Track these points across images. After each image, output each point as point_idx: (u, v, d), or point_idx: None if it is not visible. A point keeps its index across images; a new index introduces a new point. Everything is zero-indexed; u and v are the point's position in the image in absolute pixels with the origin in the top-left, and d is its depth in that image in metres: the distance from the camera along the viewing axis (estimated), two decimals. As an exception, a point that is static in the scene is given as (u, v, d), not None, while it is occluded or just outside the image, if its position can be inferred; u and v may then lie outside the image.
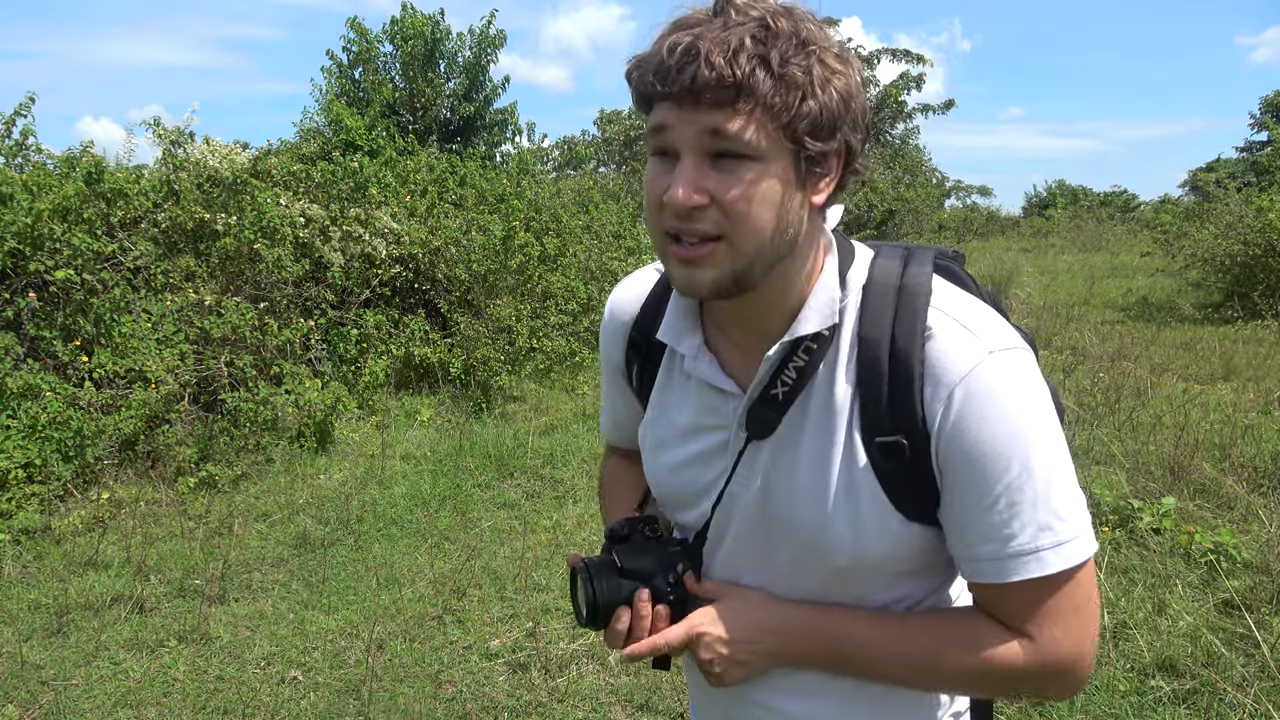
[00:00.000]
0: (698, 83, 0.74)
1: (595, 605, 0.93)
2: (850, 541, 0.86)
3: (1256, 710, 2.56)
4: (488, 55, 14.59)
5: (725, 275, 0.81)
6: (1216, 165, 28.83)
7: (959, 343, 0.82)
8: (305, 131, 12.39)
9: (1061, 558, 0.81)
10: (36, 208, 5.09)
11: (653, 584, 0.94)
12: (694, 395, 0.96)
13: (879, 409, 0.84)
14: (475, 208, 8.77)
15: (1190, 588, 3.35)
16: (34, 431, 4.49)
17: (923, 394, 0.82)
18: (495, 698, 2.92)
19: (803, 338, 0.86)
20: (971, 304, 0.87)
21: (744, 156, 0.77)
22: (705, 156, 0.78)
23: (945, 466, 0.82)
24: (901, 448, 0.83)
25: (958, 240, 23.97)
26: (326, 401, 5.47)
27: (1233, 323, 9.46)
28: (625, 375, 1.08)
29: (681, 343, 0.94)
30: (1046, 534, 0.81)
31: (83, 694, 2.95)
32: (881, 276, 0.88)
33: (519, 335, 6.84)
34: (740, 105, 0.75)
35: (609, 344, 1.08)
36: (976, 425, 0.80)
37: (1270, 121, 25.61)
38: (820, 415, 0.87)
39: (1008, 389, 0.81)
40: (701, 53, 0.74)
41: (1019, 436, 0.80)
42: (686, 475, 0.98)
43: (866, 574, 0.90)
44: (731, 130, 0.75)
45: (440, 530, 4.31)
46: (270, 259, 5.92)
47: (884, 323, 0.84)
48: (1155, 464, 4.50)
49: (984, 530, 0.82)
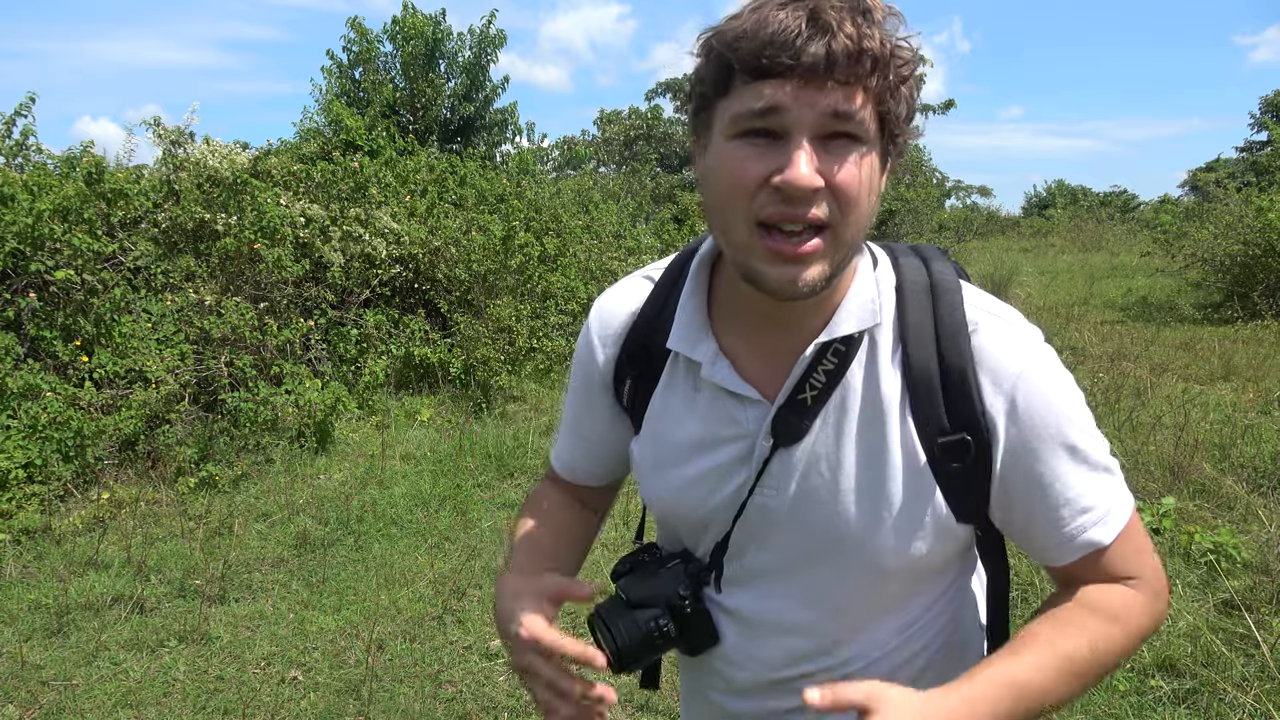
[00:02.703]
0: (833, 55, 0.70)
1: (619, 651, 0.91)
2: (903, 544, 0.86)
3: (1256, 710, 2.56)
4: (488, 55, 14.57)
5: (827, 271, 0.78)
6: (1216, 165, 28.84)
7: (1006, 337, 0.83)
8: (305, 131, 12.36)
9: (1124, 506, 0.86)
10: (37, 208, 5.09)
11: (668, 604, 0.92)
12: (706, 406, 0.91)
13: (935, 408, 0.83)
14: (475, 208, 8.78)
15: (1190, 588, 3.35)
16: (34, 431, 4.49)
17: (980, 390, 0.82)
18: (495, 698, 2.92)
19: (832, 340, 0.84)
20: (991, 298, 0.89)
21: (856, 138, 0.74)
22: (818, 139, 0.73)
23: (1014, 461, 0.83)
24: (967, 445, 0.82)
25: (958, 240, 23.96)
26: (326, 401, 5.47)
27: (1232, 323, 9.46)
28: (612, 391, 1.00)
29: (696, 350, 0.90)
30: (1108, 493, 0.86)
31: (83, 694, 2.95)
32: (911, 275, 0.87)
33: (519, 335, 6.84)
34: (869, 82, 0.72)
35: (593, 358, 1.01)
36: (1041, 415, 0.82)
37: (1270, 121, 25.61)
38: (866, 417, 0.85)
39: (1057, 376, 0.84)
40: (833, 24, 0.69)
41: (1075, 418, 0.83)
42: (700, 490, 0.92)
43: (908, 575, 0.90)
44: (853, 110, 0.72)
45: (440, 530, 4.31)
46: (270, 259, 5.92)
47: (925, 321, 0.84)
48: (1155, 464, 4.50)
49: (1061, 511, 0.84)
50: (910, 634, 0.95)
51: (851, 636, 0.93)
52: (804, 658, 0.94)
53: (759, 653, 0.94)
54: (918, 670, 0.95)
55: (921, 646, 0.96)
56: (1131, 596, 0.87)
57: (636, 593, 0.94)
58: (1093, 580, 0.88)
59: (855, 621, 0.92)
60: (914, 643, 0.95)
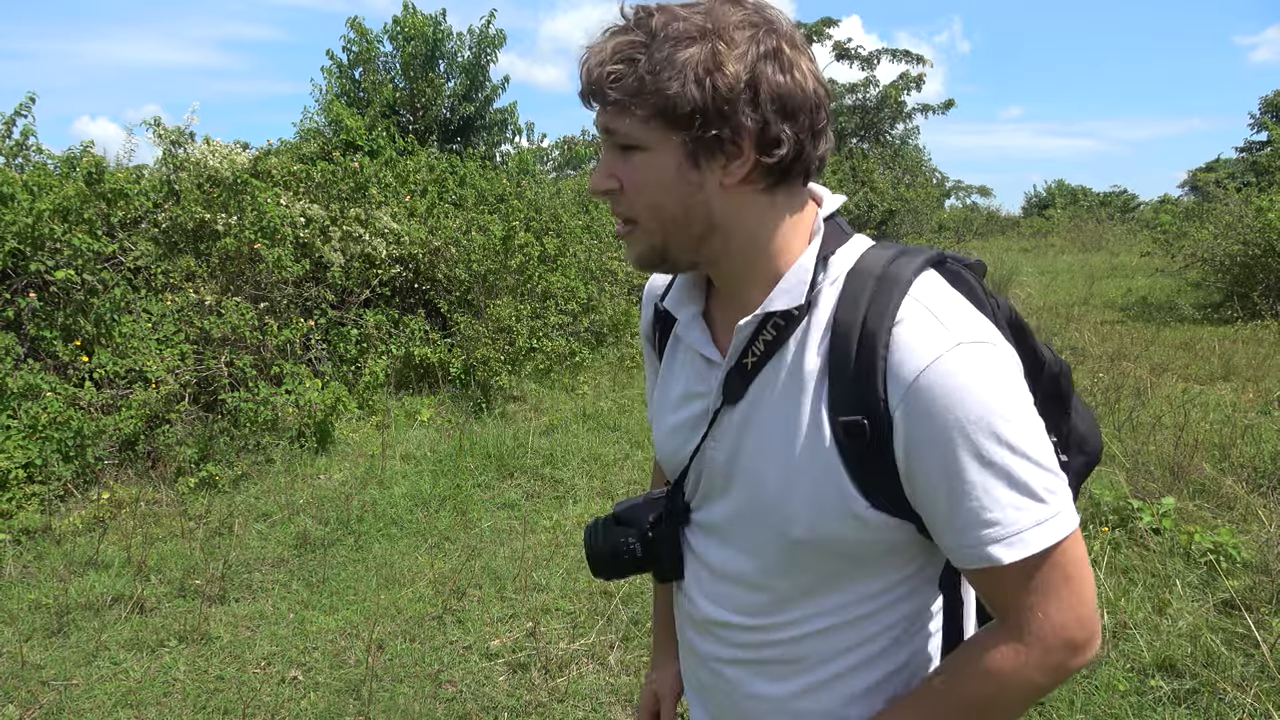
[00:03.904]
0: (584, 90, 0.88)
1: (591, 556, 1.08)
2: (808, 514, 0.89)
3: (1256, 710, 2.57)
4: (487, 55, 14.56)
5: (645, 252, 0.93)
6: (1216, 165, 28.83)
7: (926, 332, 0.84)
8: (305, 132, 12.36)
9: (1042, 537, 0.82)
10: (37, 208, 5.09)
11: (639, 528, 1.07)
12: (688, 364, 1.03)
13: (844, 388, 0.86)
14: (475, 208, 8.77)
15: (1190, 588, 3.35)
16: (34, 431, 4.50)
17: (885, 378, 0.84)
18: (495, 698, 2.92)
19: (772, 313, 0.91)
20: (954, 301, 0.88)
21: (635, 147, 0.87)
22: (614, 149, 0.89)
23: (909, 454, 0.84)
24: (863, 428, 0.85)
25: (958, 240, 23.97)
26: (326, 401, 5.48)
27: (1232, 323, 9.46)
28: (654, 345, 1.15)
29: (680, 312, 1.02)
30: (1025, 514, 0.82)
31: (83, 694, 2.95)
32: (867, 265, 0.90)
33: (519, 335, 6.85)
34: (611, 106, 0.85)
35: (643, 316, 1.17)
36: (941, 413, 0.81)
37: (1270, 121, 25.61)
38: (788, 388, 0.91)
39: (972, 377, 0.81)
40: (584, 64, 0.87)
41: (983, 422, 0.80)
42: (678, 439, 1.03)
43: (829, 553, 0.92)
44: (615, 126, 0.86)
45: (440, 530, 4.31)
46: (270, 259, 5.92)
47: (859, 307, 0.87)
48: (1155, 464, 4.50)
49: (962, 517, 0.83)
50: (852, 619, 0.95)
51: (784, 603, 0.96)
52: (741, 610, 0.99)
53: (708, 593, 1.03)
54: (858, 661, 0.96)
55: (863, 638, 0.96)
56: (1013, 655, 0.85)
57: (623, 513, 1.08)
58: (992, 599, 0.89)
59: (785, 588, 0.96)
60: (855, 631, 0.95)
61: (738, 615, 0.99)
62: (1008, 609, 0.87)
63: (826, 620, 0.95)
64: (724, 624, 1.01)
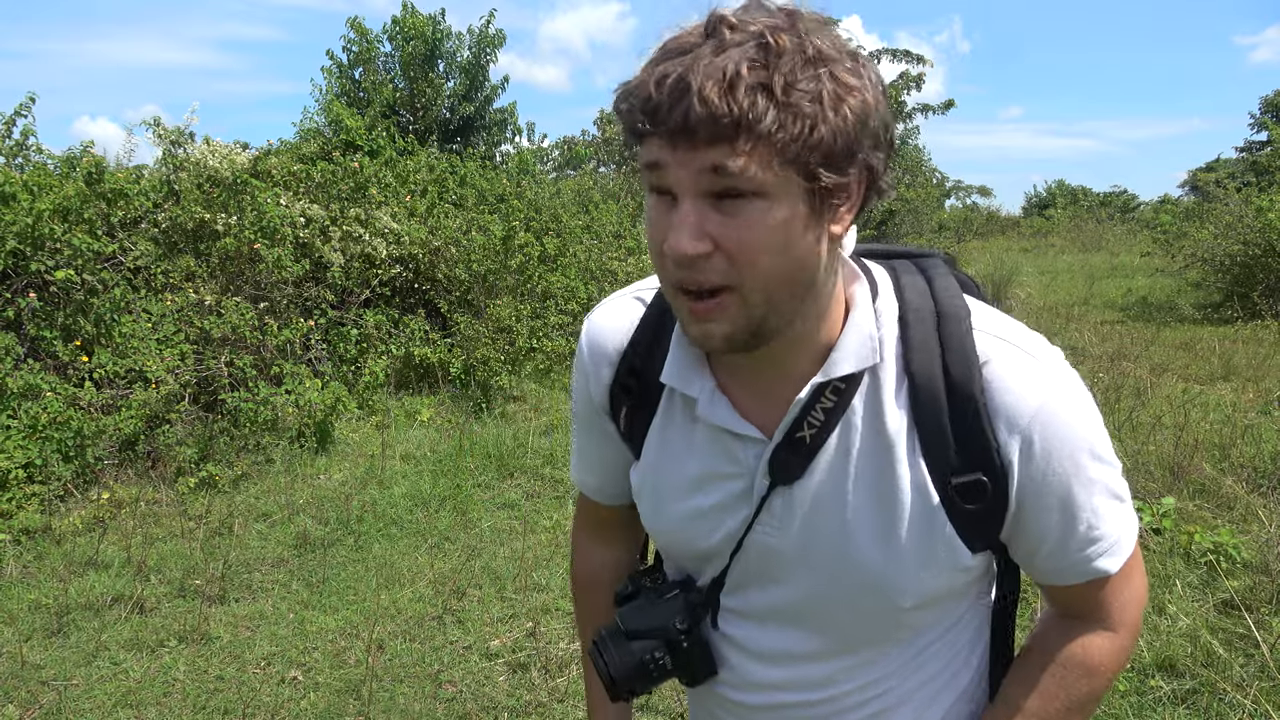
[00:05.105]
0: (690, 121, 0.66)
1: (614, 680, 0.93)
2: (917, 582, 0.84)
3: (1256, 710, 2.57)
4: (487, 55, 14.58)
5: (740, 329, 0.75)
6: (1216, 165, 28.81)
7: (1020, 370, 0.79)
8: (305, 132, 12.36)
9: (1132, 536, 0.87)
10: (37, 208, 5.08)
11: (665, 636, 0.93)
12: (705, 442, 0.88)
13: (945, 448, 0.80)
14: (475, 208, 8.77)
15: (1190, 588, 3.35)
16: (34, 431, 4.49)
17: (994, 427, 0.78)
18: (495, 698, 2.92)
19: (829, 380, 0.80)
20: (1006, 319, 0.85)
21: (749, 194, 0.68)
22: (706, 197, 0.69)
23: (1024, 494, 0.81)
24: (983, 486, 0.80)
25: (958, 240, 23.94)
26: (326, 401, 5.48)
27: (1232, 323, 9.46)
28: (609, 417, 0.97)
29: (692, 386, 0.86)
30: (1121, 522, 0.86)
31: (83, 694, 2.95)
32: (914, 303, 0.82)
33: (519, 335, 6.84)
34: (740, 143, 0.66)
35: (588, 382, 0.97)
36: (1057, 449, 0.80)
37: (1270, 121, 25.59)
38: (870, 455, 0.82)
39: (1073, 406, 0.80)
40: (694, 87, 0.65)
41: (1086, 444, 0.81)
42: (701, 527, 0.90)
43: (925, 609, 0.88)
44: (734, 168, 0.67)
45: (440, 530, 4.31)
46: (270, 259, 5.92)
47: (932, 354, 0.80)
48: (1155, 464, 4.50)
49: (1076, 540, 0.84)
50: (922, 659, 0.93)
51: (860, 667, 0.92)
52: (808, 686, 0.93)
53: (759, 681, 0.94)
54: (934, 690, 0.95)
55: (931, 674, 0.94)
56: (1110, 645, 0.89)
57: (634, 623, 0.94)
58: (1084, 603, 0.89)
59: (865, 654, 0.91)
60: (925, 669, 0.94)
61: (802, 693, 0.93)
62: (1098, 606, 0.89)
63: (897, 663, 0.92)
64: (786, 705, 0.94)
